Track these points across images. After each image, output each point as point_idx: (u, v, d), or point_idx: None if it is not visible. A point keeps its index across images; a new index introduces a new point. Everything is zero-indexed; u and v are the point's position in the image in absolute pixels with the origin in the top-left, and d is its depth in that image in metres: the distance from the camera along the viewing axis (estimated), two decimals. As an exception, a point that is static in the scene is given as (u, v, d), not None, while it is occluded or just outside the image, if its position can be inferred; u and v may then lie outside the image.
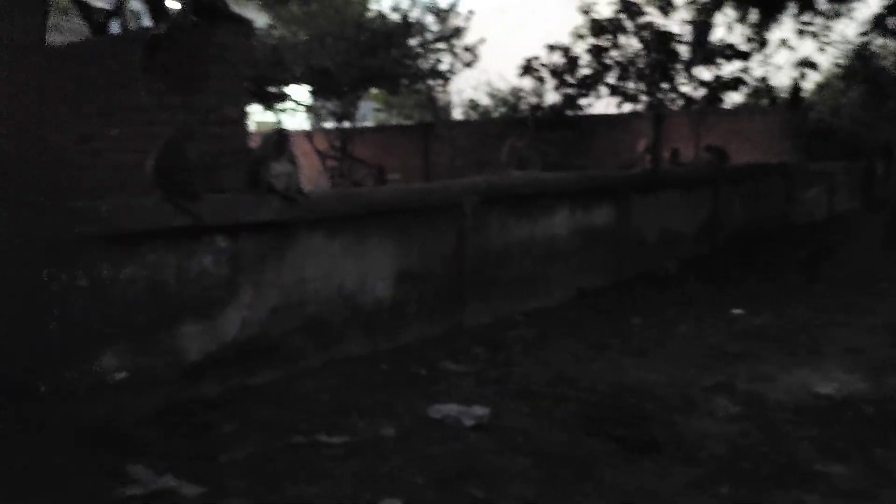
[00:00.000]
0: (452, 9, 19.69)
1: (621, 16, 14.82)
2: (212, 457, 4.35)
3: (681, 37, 14.66)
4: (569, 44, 15.56)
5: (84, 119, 7.33)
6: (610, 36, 15.10)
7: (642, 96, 15.48)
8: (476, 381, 5.84)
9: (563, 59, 15.66)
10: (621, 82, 15.40)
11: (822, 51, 15.18)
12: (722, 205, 12.57)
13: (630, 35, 15.00)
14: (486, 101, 24.30)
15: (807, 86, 17.30)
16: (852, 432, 4.80)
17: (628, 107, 16.12)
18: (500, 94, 23.58)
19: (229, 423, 4.84)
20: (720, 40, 14.79)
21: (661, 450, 4.55)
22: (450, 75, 20.53)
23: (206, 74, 6.95)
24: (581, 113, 17.02)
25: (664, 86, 15.09)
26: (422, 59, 19.66)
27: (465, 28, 19.93)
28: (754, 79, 15.40)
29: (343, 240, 6.45)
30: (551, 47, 15.73)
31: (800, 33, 14.44)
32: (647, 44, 14.80)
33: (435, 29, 19.63)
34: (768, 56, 15.00)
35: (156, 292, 5.17)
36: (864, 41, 15.15)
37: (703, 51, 14.70)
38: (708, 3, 14.29)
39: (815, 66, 15.32)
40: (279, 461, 4.29)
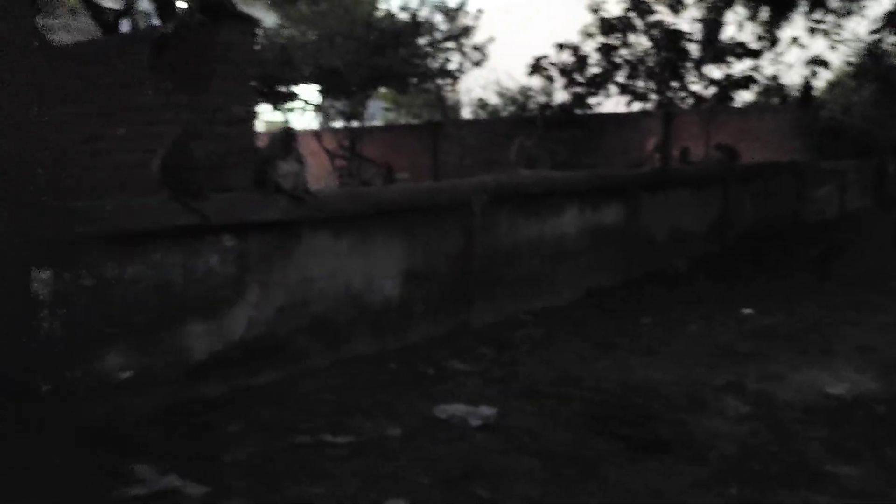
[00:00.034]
0: (461, 8, 19.69)
1: (631, 14, 14.73)
2: (215, 457, 4.34)
3: (691, 35, 14.55)
4: (578, 42, 15.50)
5: (88, 119, 7.34)
6: (619, 34, 15.01)
7: (652, 95, 15.38)
8: (482, 380, 5.81)
9: (572, 58, 15.58)
10: (631, 81, 15.32)
11: (834, 49, 15.07)
12: (732, 203, 12.50)
13: (640, 33, 14.90)
14: (494, 100, 24.28)
15: (818, 84, 17.19)
16: (863, 432, 4.75)
17: (638, 106, 16.03)
18: (509, 93, 23.54)
19: (233, 423, 4.83)
20: (731, 38, 14.69)
21: (669, 449, 4.51)
22: (458, 74, 20.52)
23: (212, 73, 6.94)
24: (590, 112, 16.95)
25: (674, 84, 14.99)
26: (430, 59, 19.66)
27: (474, 27, 19.94)
28: (765, 77, 15.29)
29: (350, 239, 6.43)
30: (560, 46, 15.67)
31: (811, 31, 14.34)
32: (656, 42, 14.71)
33: (444, 28, 19.64)
34: (779, 54, 14.89)
35: (161, 292, 5.16)
36: (876, 39, 15.03)
37: (714, 49, 14.58)
38: (718, 1, 14.19)
39: (827, 65, 15.19)
40: (283, 461, 4.27)
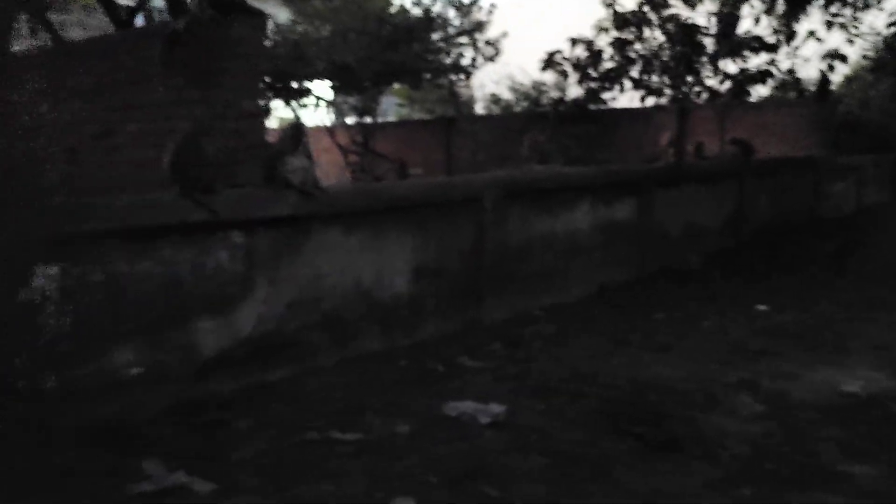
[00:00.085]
0: (474, 3, 19.61)
1: (645, 8, 14.61)
2: (224, 454, 4.33)
3: (706, 29, 14.42)
4: (591, 37, 15.40)
5: (100, 115, 7.34)
6: (634, 29, 14.90)
7: (666, 90, 15.27)
8: (492, 377, 5.77)
9: (585, 53, 15.49)
10: (645, 76, 15.20)
11: (851, 42, 14.90)
12: (747, 199, 12.40)
13: (654, 28, 14.79)
14: (507, 95, 24.18)
15: (835, 78, 16.96)
16: (878, 431, 4.68)
17: (652, 100, 15.92)
18: (522, 89, 23.44)
19: (243, 420, 4.82)
20: (746, 32, 14.55)
21: (680, 448, 4.44)
22: (472, 70, 20.44)
23: (223, 69, 6.92)
24: (604, 107, 16.85)
25: (689, 79, 14.87)
26: (444, 54, 19.59)
27: (487, 22, 19.85)
28: (781, 71, 15.14)
29: (361, 235, 6.40)
30: (574, 41, 15.58)
31: (828, 25, 14.17)
32: (671, 36, 14.59)
33: (457, 23, 19.57)
34: (796, 48, 14.74)
35: (170, 288, 5.15)
36: (894, 32, 14.86)
37: (730, 43, 14.45)
38: (734, -6, 14.09)
39: (844, 58, 15.00)
40: (292, 458, 4.26)
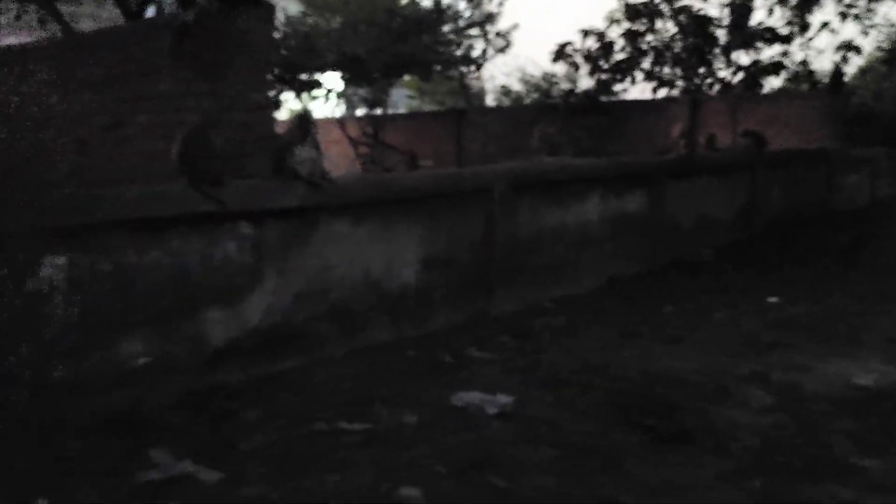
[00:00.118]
0: (485, -6, 19.58)
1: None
2: (232, 443, 4.33)
3: (719, 20, 14.34)
4: (603, 28, 15.33)
5: (111, 106, 7.35)
6: (646, 20, 14.82)
7: (678, 81, 15.18)
8: (501, 368, 5.75)
9: (597, 44, 15.42)
10: (657, 67, 15.12)
11: (865, 34, 14.78)
12: (760, 191, 12.32)
13: (666, 19, 14.71)
14: (518, 87, 24.10)
15: (849, 70, 16.86)
16: (890, 424, 4.62)
17: (664, 92, 15.83)
18: (533, 80, 23.36)
19: (251, 410, 4.82)
20: (759, 23, 14.45)
21: (691, 440, 4.40)
22: (482, 61, 20.39)
23: (232, 61, 6.92)
24: (615, 99, 16.78)
25: (701, 71, 14.78)
26: (454, 46, 19.54)
27: (498, 13, 19.79)
28: (794, 63, 15.04)
29: (369, 226, 6.39)
30: (585, 32, 15.51)
31: (842, 16, 14.06)
32: (683, 28, 14.51)
33: (467, 15, 19.51)
34: (809, 39, 14.63)
35: (179, 278, 5.17)
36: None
37: (742, 35, 14.35)
38: (747, -14, 13.99)
39: (858, 50, 14.90)
40: (299, 448, 4.25)
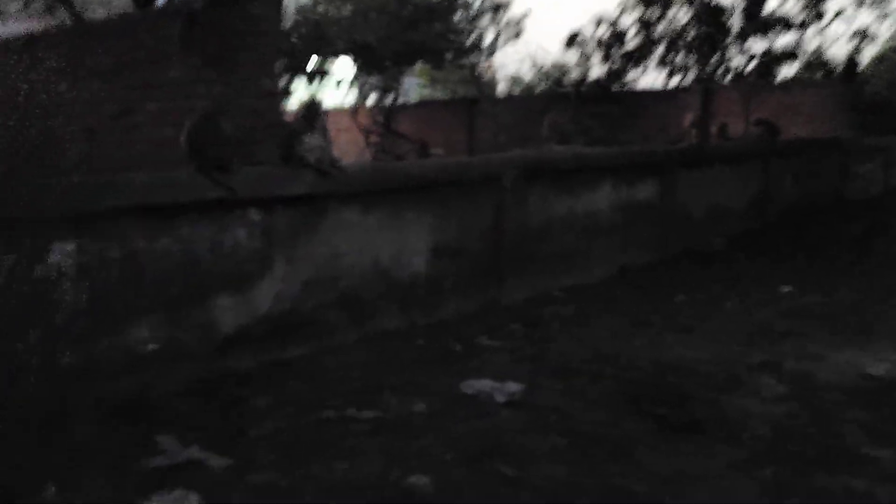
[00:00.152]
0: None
1: (670, -13, 14.44)
2: (241, 430, 4.33)
3: (732, 9, 14.21)
4: (615, 16, 15.23)
5: (121, 94, 7.35)
6: (658, 8, 14.71)
7: (691, 70, 15.08)
8: (511, 357, 5.73)
9: (609, 32, 15.32)
10: (669, 55, 15.01)
11: (880, 21, 14.64)
12: (772, 180, 12.22)
13: (679, 6, 14.59)
14: (529, 75, 24.01)
15: (863, 58, 16.70)
16: (904, 414, 4.59)
17: (676, 81, 15.72)
18: (544, 69, 23.26)
19: (260, 397, 4.82)
20: (773, 12, 14.31)
21: (703, 430, 4.37)
22: (493, 50, 20.31)
23: (240, 48, 6.90)
24: (627, 88, 16.67)
25: (714, 59, 14.67)
26: (465, 34, 19.46)
27: (509, 1, 19.72)
28: (808, 51, 14.90)
29: (379, 214, 6.36)
30: (598, 20, 15.42)
31: (858, 3, 13.92)
32: (696, 16, 14.39)
33: (479, 2, 19.41)
34: (823, 28, 14.50)
35: (188, 265, 5.17)
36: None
37: (756, 23, 14.23)
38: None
39: (873, 38, 14.77)
40: (308, 436, 4.24)
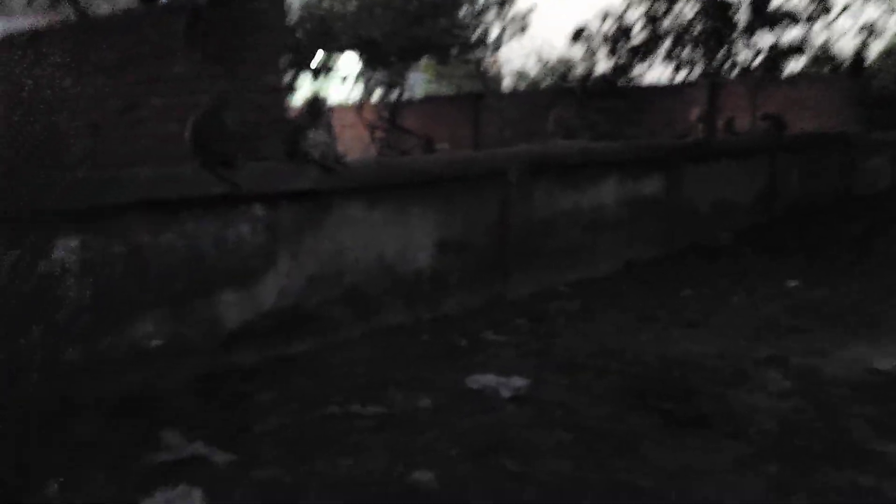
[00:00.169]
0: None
1: (677, -19, 14.37)
2: (245, 426, 4.33)
3: (739, 3, 14.14)
4: (621, 11, 15.17)
5: (126, 89, 7.34)
6: (665, 2, 14.65)
7: (697, 65, 15.02)
8: (517, 352, 5.71)
9: (615, 27, 15.27)
10: (676, 50, 14.95)
11: (888, 16, 14.56)
12: (779, 174, 12.17)
13: (685, 1, 14.53)
14: (534, 70, 23.96)
15: (870, 52, 16.61)
16: (910, 410, 4.56)
17: (682, 75, 15.65)
18: (549, 64, 23.21)
19: (265, 393, 4.81)
20: (780, 6, 14.24)
21: (708, 425, 4.35)
22: (499, 45, 20.27)
23: (245, 43, 6.89)
24: (633, 83, 16.62)
25: (720, 54, 14.60)
26: (471, 29, 19.42)
27: (515, -4, 19.66)
28: (815, 46, 14.82)
29: (383, 209, 6.35)
30: (604, 16, 15.37)
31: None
32: (703, 10, 14.33)
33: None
34: (831, 22, 14.41)
35: (193, 261, 5.16)
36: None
37: (762, 17, 14.16)
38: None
39: (880, 32, 14.69)
40: (312, 432, 4.24)
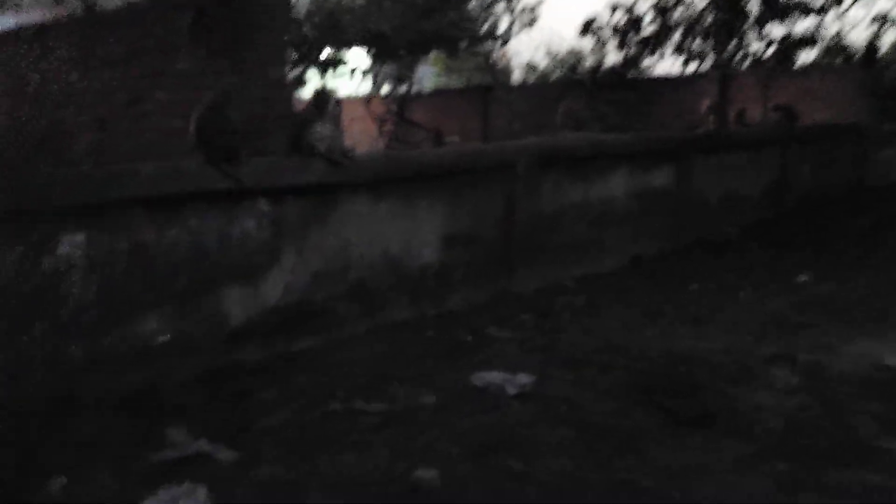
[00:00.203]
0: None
1: (687, -28, 14.27)
2: (249, 423, 4.33)
3: (750, -6, 14.04)
4: (631, 2, 15.07)
5: (131, 83, 7.34)
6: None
7: (708, 56, 14.92)
8: (522, 348, 5.67)
9: (624, 19, 15.18)
10: (686, 41, 14.85)
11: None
12: (790, 166, 12.06)
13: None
14: (544, 63, 23.86)
15: (883, 43, 16.45)
16: (919, 406, 4.51)
17: (693, 67, 15.55)
18: (559, 56, 23.10)
19: (269, 390, 4.81)
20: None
21: (713, 422, 4.31)
22: (508, 37, 20.19)
23: (250, 37, 6.88)
24: (643, 75, 16.52)
25: (731, 45, 14.49)
26: (480, 21, 19.34)
27: (525, -12, 19.57)
28: (827, 37, 14.69)
29: (389, 203, 6.33)
30: (613, 7, 15.28)
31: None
32: (713, 1, 14.22)
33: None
34: (843, 13, 14.27)
35: (197, 256, 5.15)
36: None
37: (774, 8, 14.04)
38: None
39: (893, 23, 14.52)
40: (315, 429, 4.23)
